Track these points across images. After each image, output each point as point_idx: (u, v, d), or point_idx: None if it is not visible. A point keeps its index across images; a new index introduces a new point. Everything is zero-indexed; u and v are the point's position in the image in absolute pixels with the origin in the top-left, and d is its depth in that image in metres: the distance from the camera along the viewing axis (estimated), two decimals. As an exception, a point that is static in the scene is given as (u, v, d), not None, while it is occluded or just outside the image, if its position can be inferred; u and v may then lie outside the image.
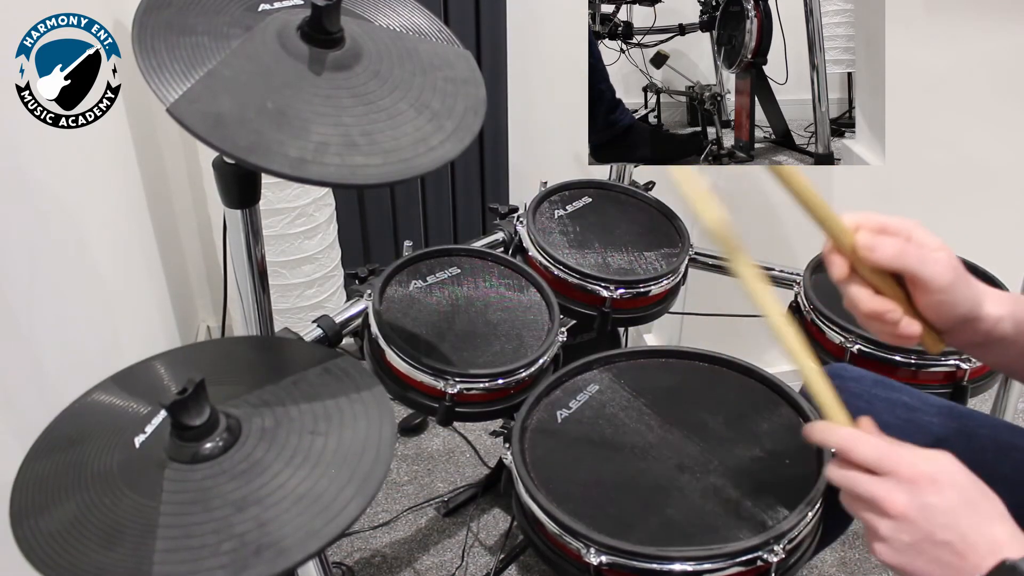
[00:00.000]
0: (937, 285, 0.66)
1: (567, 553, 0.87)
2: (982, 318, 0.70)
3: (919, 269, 0.66)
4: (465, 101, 0.87)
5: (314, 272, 1.75)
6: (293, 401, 0.74)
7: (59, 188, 1.14)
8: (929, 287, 0.67)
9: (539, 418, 1.01)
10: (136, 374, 0.81)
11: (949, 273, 0.66)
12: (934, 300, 0.67)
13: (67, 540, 0.64)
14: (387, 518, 1.66)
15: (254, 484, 0.66)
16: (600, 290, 1.27)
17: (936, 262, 0.66)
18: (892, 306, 0.68)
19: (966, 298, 0.68)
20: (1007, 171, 1.78)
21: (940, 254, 0.67)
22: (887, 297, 0.68)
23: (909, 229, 0.68)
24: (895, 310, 0.68)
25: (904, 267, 0.66)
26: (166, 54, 0.74)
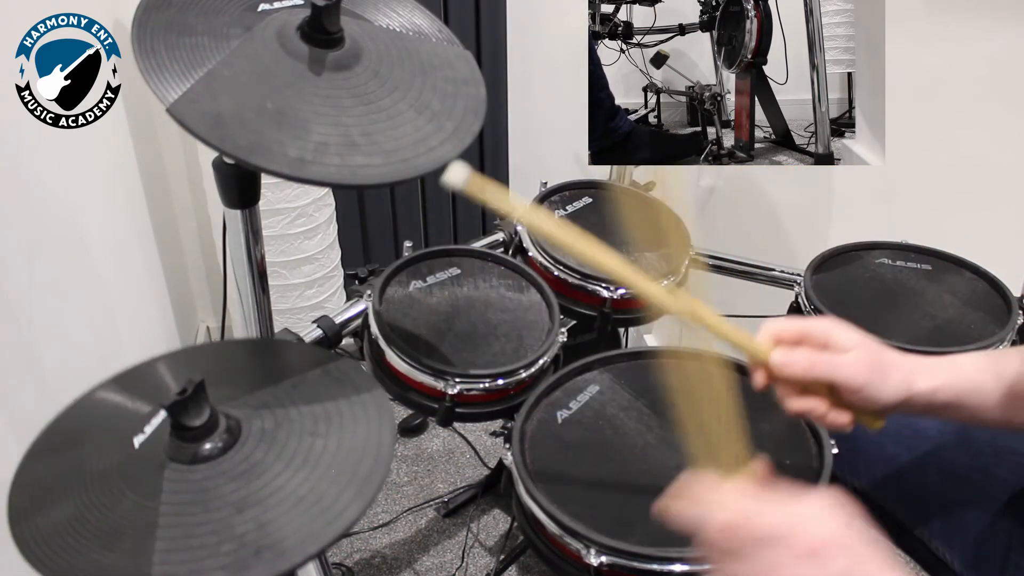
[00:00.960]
0: (851, 387, 0.71)
1: (567, 554, 0.87)
2: (914, 395, 0.73)
3: (832, 376, 0.71)
4: (465, 101, 0.87)
5: (314, 272, 1.75)
6: (293, 403, 0.74)
7: (59, 188, 1.14)
8: (844, 389, 0.72)
9: (539, 419, 1.01)
10: (136, 375, 0.81)
11: (862, 374, 0.71)
12: (854, 397, 0.72)
13: (66, 540, 0.64)
14: (387, 519, 1.66)
15: (254, 485, 0.66)
16: (600, 290, 1.27)
17: (847, 366, 0.71)
18: (815, 404, 0.73)
19: (887, 389, 0.72)
20: (1007, 171, 1.78)
21: (851, 355, 0.72)
22: (812, 396, 0.73)
23: (826, 334, 0.73)
24: (819, 407, 0.73)
25: (817, 377, 0.72)
26: (166, 54, 0.74)
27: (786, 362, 0.72)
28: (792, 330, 0.73)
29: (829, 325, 0.73)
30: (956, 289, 1.31)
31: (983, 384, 0.75)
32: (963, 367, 0.76)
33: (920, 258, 1.38)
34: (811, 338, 0.73)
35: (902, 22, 1.32)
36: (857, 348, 0.72)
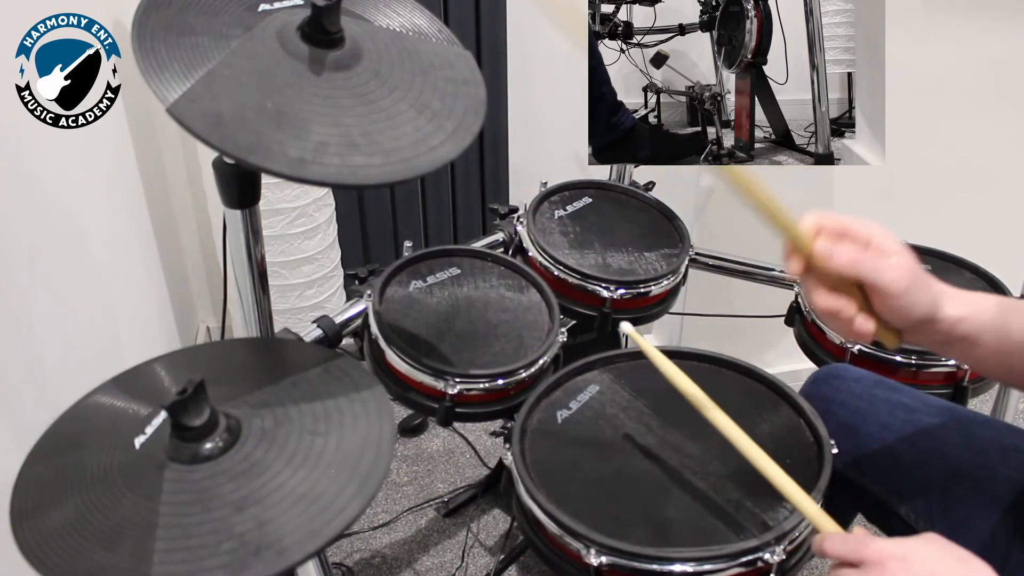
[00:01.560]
0: (891, 292, 0.69)
1: (567, 554, 0.87)
2: (940, 319, 0.72)
3: (873, 277, 0.68)
4: (465, 101, 0.87)
5: (314, 272, 1.75)
6: (293, 401, 0.74)
7: (59, 188, 1.14)
8: (884, 293, 0.69)
9: (539, 419, 1.01)
10: (136, 376, 0.81)
11: (904, 280, 0.69)
12: (889, 304, 0.69)
13: (67, 541, 0.64)
14: (387, 519, 1.66)
15: (254, 484, 0.66)
16: (600, 290, 1.27)
17: (890, 268, 0.68)
18: (845, 305, 0.70)
19: (922, 302, 0.70)
20: (1007, 171, 1.78)
21: (895, 259, 0.69)
22: (843, 295, 0.70)
23: (869, 233, 0.70)
24: (848, 308, 0.70)
25: (859, 275, 0.69)
26: (166, 54, 0.74)
27: (830, 253, 0.68)
28: (836, 223, 0.70)
29: (874, 226, 0.70)
30: (956, 289, 1.31)
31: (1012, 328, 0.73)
32: (988, 306, 0.74)
33: (920, 258, 1.37)
34: (854, 235, 0.70)
35: (902, 22, 1.32)
36: (900, 253, 0.70)
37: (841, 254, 0.68)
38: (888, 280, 0.68)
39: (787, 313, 1.37)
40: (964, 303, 0.73)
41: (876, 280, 0.68)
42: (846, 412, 1.00)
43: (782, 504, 0.88)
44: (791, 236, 0.70)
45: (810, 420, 0.97)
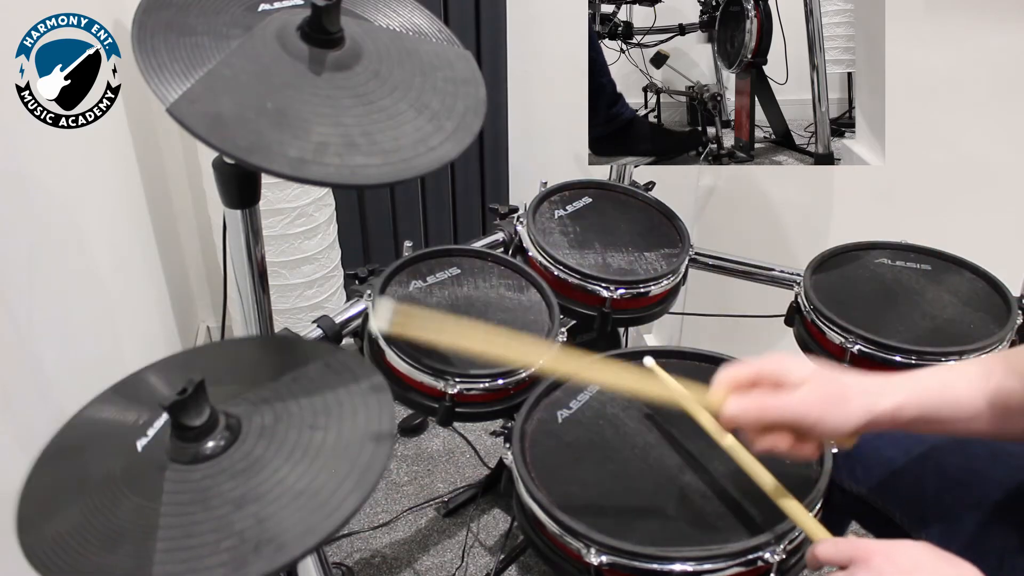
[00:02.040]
0: (806, 424, 0.72)
1: (567, 553, 0.87)
2: (877, 417, 0.73)
3: (783, 417, 0.72)
4: (465, 101, 0.87)
5: (314, 272, 1.75)
6: (293, 396, 0.74)
7: (59, 188, 1.14)
8: (802, 425, 0.73)
9: (539, 418, 1.01)
10: (136, 382, 0.81)
11: (815, 411, 0.72)
12: (812, 432, 0.73)
13: (70, 544, 0.64)
14: (387, 518, 1.66)
15: (253, 481, 0.66)
16: (600, 290, 1.27)
17: (799, 404, 0.72)
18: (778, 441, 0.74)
19: (845, 418, 0.73)
20: (1007, 171, 1.78)
21: (802, 393, 0.72)
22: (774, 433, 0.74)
23: (779, 373, 0.74)
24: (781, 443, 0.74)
25: (770, 422, 0.73)
26: (166, 54, 0.74)
27: (736, 413, 0.74)
28: (745, 374, 0.75)
29: (780, 362, 0.74)
30: (956, 289, 1.31)
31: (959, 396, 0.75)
32: (927, 382, 0.75)
33: (920, 258, 1.38)
34: (764, 378, 0.74)
35: (902, 22, 1.32)
36: (810, 382, 0.73)
37: (747, 409, 0.72)
38: (798, 416, 0.72)
39: (787, 313, 1.37)
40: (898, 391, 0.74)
41: (788, 420, 0.72)
42: None
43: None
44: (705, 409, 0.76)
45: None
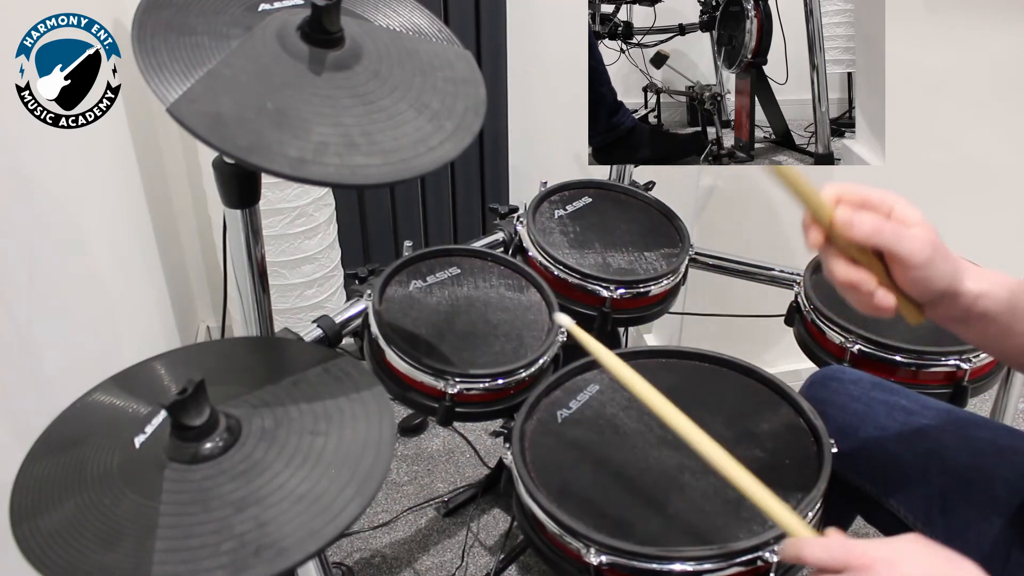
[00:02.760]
0: (913, 262, 0.67)
1: (567, 553, 0.87)
2: (961, 293, 0.70)
3: (895, 246, 0.66)
4: (465, 101, 0.87)
5: (314, 272, 1.75)
6: (293, 401, 0.74)
7: (59, 188, 1.14)
8: (906, 263, 0.67)
9: (539, 418, 1.01)
10: (136, 375, 0.81)
11: (926, 250, 0.67)
12: (911, 275, 0.68)
13: (67, 540, 0.64)
14: (387, 518, 1.66)
15: (254, 484, 0.66)
16: (600, 290, 1.27)
17: (913, 239, 0.66)
18: (866, 277, 0.67)
19: (944, 274, 0.68)
20: (1007, 171, 1.78)
21: (917, 230, 0.67)
22: (864, 268, 0.68)
23: (890, 203, 0.68)
24: (869, 281, 0.67)
25: (880, 244, 0.66)
26: (166, 54, 0.74)
27: (851, 221, 0.66)
28: (857, 193, 0.68)
29: (895, 196, 0.69)
30: (956, 289, 1.31)
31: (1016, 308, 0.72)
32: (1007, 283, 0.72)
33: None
34: (876, 205, 0.68)
35: (902, 22, 1.32)
36: (922, 224, 0.68)
37: (863, 222, 0.66)
38: (910, 249, 0.66)
39: (787, 313, 1.37)
40: (984, 278, 0.71)
41: (898, 249, 0.66)
42: (844, 415, 1.00)
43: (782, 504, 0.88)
44: (811, 204, 0.68)
45: (810, 420, 0.98)
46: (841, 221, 0.66)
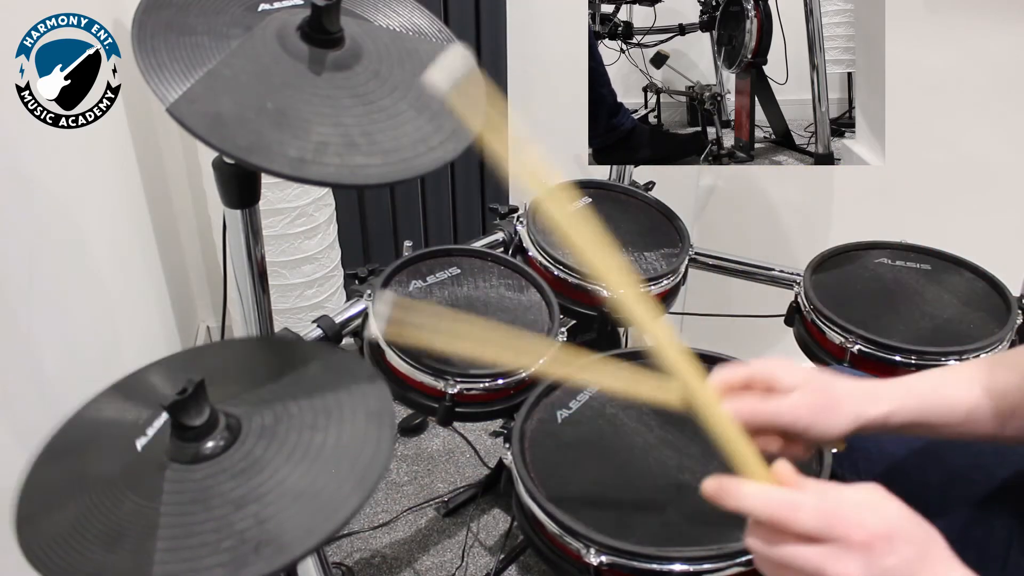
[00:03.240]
0: (799, 428, 0.72)
1: (567, 553, 0.87)
2: (868, 424, 0.74)
3: (774, 423, 0.72)
4: (465, 101, 0.87)
5: (314, 272, 1.75)
6: (292, 397, 0.74)
7: (59, 188, 1.14)
8: (792, 430, 0.72)
9: (539, 418, 1.01)
10: (137, 380, 0.81)
11: (805, 417, 0.72)
12: (804, 436, 0.73)
13: (69, 543, 0.64)
14: (387, 518, 1.66)
15: (253, 482, 0.66)
16: (600, 290, 1.27)
17: (791, 409, 0.72)
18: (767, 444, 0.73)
19: (834, 424, 0.73)
20: (1007, 171, 1.78)
21: (794, 398, 0.72)
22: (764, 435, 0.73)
23: (770, 377, 0.73)
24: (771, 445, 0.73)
25: (761, 425, 0.72)
26: (166, 54, 0.74)
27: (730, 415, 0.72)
28: (738, 377, 0.74)
29: (773, 366, 0.74)
30: (956, 289, 1.31)
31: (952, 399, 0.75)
32: (918, 387, 0.76)
33: (920, 258, 1.38)
34: (757, 382, 0.74)
35: (902, 22, 1.32)
36: (801, 388, 0.73)
37: (739, 414, 0.71)
38: (788, 421, 0.72)
39: (787, 313, 1.37)
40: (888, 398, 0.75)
41: (779, 425, 0.72)
42: None
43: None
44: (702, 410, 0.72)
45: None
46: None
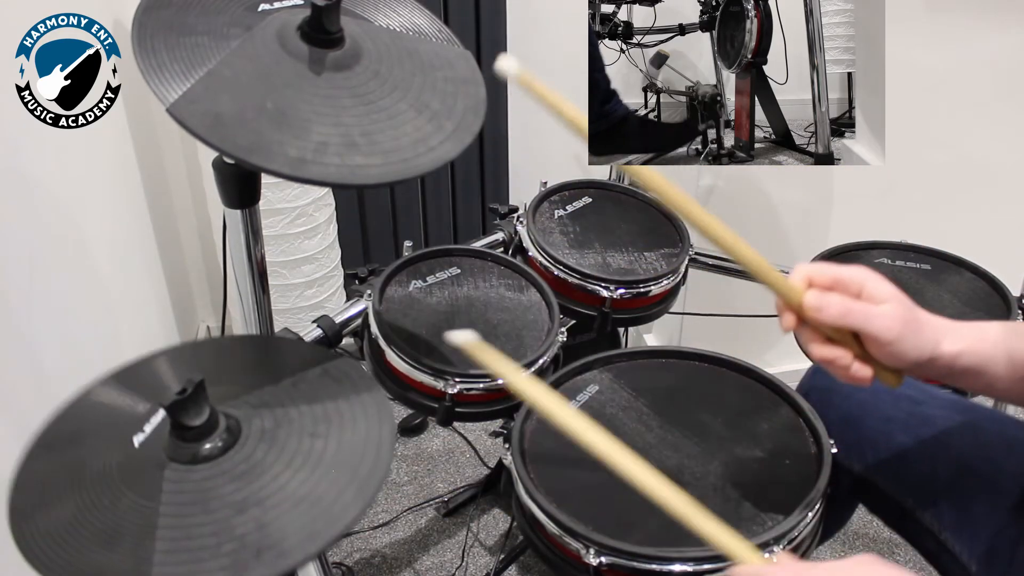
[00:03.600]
0: (883, 340, 0.70)
1: (567, 553, 0.87)
2: (938, 357, 0.72)
3: (864, 326, 0.69)
4: (465, 101, 0.87)
5: (314, 272, 1.75)
6: (293, 402, 0.74)
7: (59, 188, 1.14)
8: (876, 341, 0.70)
9: (539, 418, 1.01)
10: (135, 371, 0.81)
11: (895, 328, 0.70)
12: (884, 350, 0.71)
13: (66, 540, 0.64)
14: (387, 518, 1.66)
15: (254, 485, 0.66)
16: (600, 290, 1.27)
17: (881, 317, 0.69)
18: (841, 353, 0.71)
19: (916, 346, 0.71)
20: (1007, 171, 1.78)
21: (886, 307, 0.70)
22: (837, 345, 0.71)
23: (860, 281, 0.71)
24: (844, 357, 0.71)
25: (850, 326, 0.70)
26: (166, 54, 0.74)
27: (820, 305, 0.69)
28: (826, 275, 0.71)
29: (864, 273, 0.71)
30: (956, 289, 1.31)
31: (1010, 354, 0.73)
32: (989, 335, 0.74)
33: (920, 258, 1.38)
34: (845, 285, 0.71)
35: (902, 22, 1.32)
36: (891, 300, 0.70)
37: (831, 306, 0.69)
38: (879, 328, 0.69)
39: (787, 313, 1.36)
40: (963, 337, 0.73)
41: (867, 330, 0.69)
42: (848, 404, 0.99)
43: (781, 504, 0.88)
44: (780, 290, 0.71)
45: (809, 420, 0.97)
46: (810, 305, 0.70)
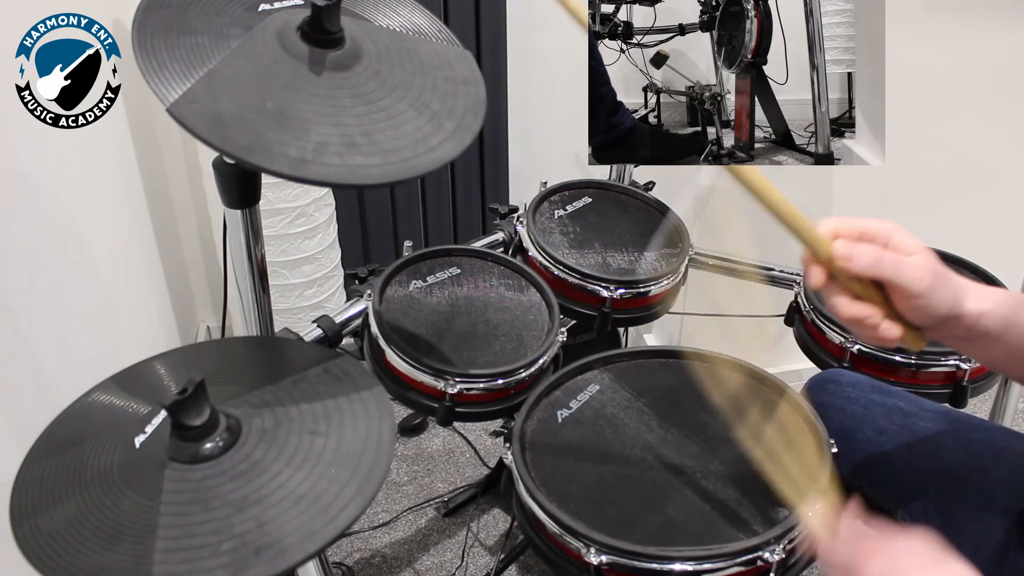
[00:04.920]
0: (915, 291, 0.67)
1: (567, 553, 0.87)
2: (963, 315, 0.70)
3: (896, 277, 0.66)
4: (465, 101, 0.87)
5: (314, 272, 1.75)
6: (293, 401, 0.74)
7: (59, 188, 1.14)
8: (907, 293, 0.67)
9: (539, 418, 1.01)
10: (136, 374, 0.81)
11: (927, 278, 0.67)
12: (913, 304, 0.68)
13: (67, 540, 0.64)
14: (387, 518, 1.66)
15: (254, 484, 0.66)
16: (600, 290, 1.27)
17: (913, 267, 0.67)
18: (871, 311, 0.68)
19: (944, 300, 0.69)
20: (1007, 171, 1.78)
21: (917, 259, 0.68)
22: (866, 302, 0.68)
23: (888, 233, 0.68)
24: (874, 315, 0.68)
25: (881, 275, 0.67)
26: (166, 54, 0.74)
27: (850, 254, 0.66)
28: (853, 226, 0.68)
29: (891, 225, 0.69)
30: (956, 289, 1.31)
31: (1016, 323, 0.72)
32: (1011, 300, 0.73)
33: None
34: (873, 237, 0.68)
35: (902, 22, 1.32)
36: (921, 252, 0.68)
37: (862, 255, 0.66)
38: (912, 278, 0.66)
39: (787, 313, 1.37)
40: (985, 297, 0.71)
41: (899, 279, 0.66)
42: (842, 417, 1.00)
43: (782, 503, 0.88)
44: (808, 241, 0.68)
45: (810, 420, 0.98)
46: (840, 255, 0.67)
